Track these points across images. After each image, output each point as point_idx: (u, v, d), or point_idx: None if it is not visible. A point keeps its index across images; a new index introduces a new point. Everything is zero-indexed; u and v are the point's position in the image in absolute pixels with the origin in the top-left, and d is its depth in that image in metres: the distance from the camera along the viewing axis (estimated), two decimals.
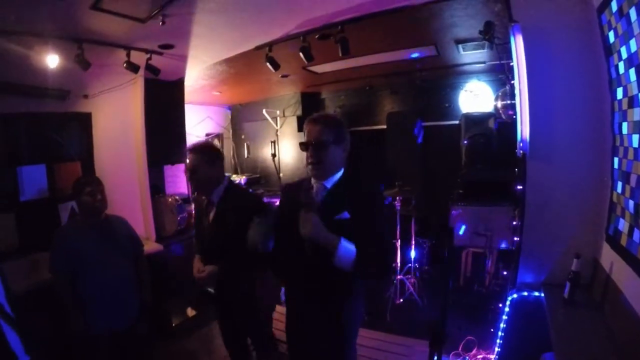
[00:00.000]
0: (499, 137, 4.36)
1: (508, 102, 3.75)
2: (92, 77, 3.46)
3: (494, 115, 4.40)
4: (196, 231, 2.61)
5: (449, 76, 5.33)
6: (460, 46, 3.84)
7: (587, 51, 2.30)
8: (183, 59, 3.77)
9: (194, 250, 2.56)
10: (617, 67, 1.98)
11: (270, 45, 3.43)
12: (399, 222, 4.28)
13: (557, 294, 2.34)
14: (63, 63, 2.96)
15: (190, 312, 4.11)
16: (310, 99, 6.54)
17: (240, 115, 7.40)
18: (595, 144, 2.36)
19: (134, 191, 4.10)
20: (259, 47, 3.52)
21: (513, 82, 2.71)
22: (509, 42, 2.51)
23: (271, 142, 6.65)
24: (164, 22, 2.67)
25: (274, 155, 6.63)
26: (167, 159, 4.41)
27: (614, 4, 1.87)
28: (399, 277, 4.23)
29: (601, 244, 2.31)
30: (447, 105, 5.46)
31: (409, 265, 4.38)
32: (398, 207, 4.22)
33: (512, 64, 2.59)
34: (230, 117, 7.56)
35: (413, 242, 4.41)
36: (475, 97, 5.15)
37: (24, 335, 1.32)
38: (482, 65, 4.54)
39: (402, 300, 4.20)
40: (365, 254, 1.61)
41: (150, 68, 3.50)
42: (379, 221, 1.74)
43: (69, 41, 2.84)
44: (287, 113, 6.59)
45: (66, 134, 3.53)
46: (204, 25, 2.96)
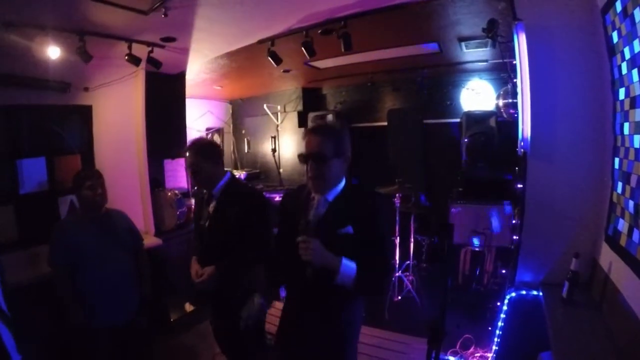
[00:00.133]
0: (499, 135, 4.36)
1: (510, 100, 3.75)
2: (93, 69, 3.45)
3: (495, 113, 4.39)
4: (195, 226, 2.59)
5: (451, 74, 5.33)
6: (463, 44, 3.83)
7: (590, 51, 2.30)
8: (185, 52, 3.76)
9: (192, 250, 2.51)
10: (620, 67, 1.98)
11: (272, 39, 3.42)
12: (398, 219, 4.28)
13: (555, 294, 2.35)
14: (64, 55, 2.94)
15: (189, 307, 4.12)
16: (311, 94, 6.54)
17: (241, 110, 7.38)
18: (596, 144, 2.36)
19: (134, 185, 4.09)
20: (261, 42, 3.51)
21: (515, 80, 2.70)
22: (512, 41, 2.50)
23: (271, 137, 6.64)
24: (166, 15, 2.65)
25: (274, 151, 6.62)
26: (167, 153, 4.40)
27: (619, 4, 1.86)
28: (397, 275, 4.24)
29: (600, 244, 2.31)
30: (448, 103, 5.45)
31: (407, 262, 4.38)
32: (398, 204, 4.22)
33: (514, 62, 2.58)
34: (231, 111, 7.54)
35: (412, 240, 4.42)
36: (477, 95, 5.14)
37: (18, 334, 1.32)
38: (485, 63, 4.53)
39: (400, 297, 4.21)
40: (367, 274, 1.59)
41: (151, 61, 3.48)
42: (383, 238, 1.70)
43: (71, 33, 2.82)
44: (288, 108, 6.58)
45: (67, 127, 3.52)
46: (207, 18, 2.95)
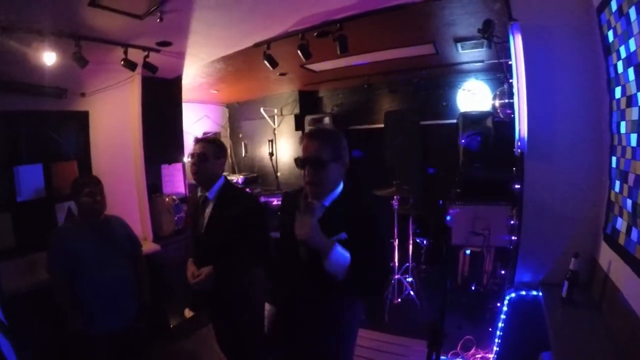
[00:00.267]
0: (496, 136, 4.37)
1: (506, 101, 3.75)
2: (90, 75, 3.43)
3: (492, 114, 4.40)
4: (192, 230, 2.59)
5: (447, 75, 5.34)
6: (459, 45, 3.84)
7: (586, 50, 2.30)
8: (181, 56, 3.75)
9: (189, 252, 2.52)
10: (615, 66, 1.98)
11: (268, 42, 3.42)
12: (396, 221, 4.27)
13: (555, 293, 2.34)
14: (60, 61, 2.93)
15: (188, 312, 4.10)
16: (308, 97, 6.54)
17: (238, 113, 7.36)
18: (594, 143, 2.36)
19: (131, 191, 4.07)
20: (257, 45, 3.50)
21: (511, 81, 2.71)
22: (508, 41, 2.51)
23: (269, 141, 6.63)
24: (161, 19, 2.64)
25: (271, 154, 6.60)
26: (165, 158, 4.38)
27: (614, 3, 1.87)
28: (396, 277, 4.23)
29: (599, 243, 2.31)
30: (444, 104, 5.46)
31: (406, 264, 4.37)
32: (396, 206, 4.22)
33: (510, 62, 2.59)
34: (227, 115, 7.53)
35: (411, 242, 4.41)
36: (473, 96, 5.16)
37: (16, 342, 1.31)
38: (481, 64, 4.55)
39: (400, 300, 4.19)
40: (361, 270, 1.56)
41: (147, 66, 3.47)
42: (380, 241, 1.68)
43: (67, 38, 2.81)
44: (284, 111, 6.58)
45: (63, 133, 3.50)
46: (202, 22, 2.94)
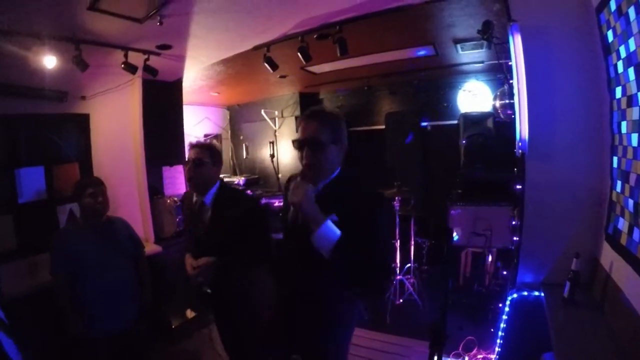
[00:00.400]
0: (497, 136, 4.36)
1: (506, 101, 3.75)
2: (90, 78, 3.44)
3: (493, 114, 4.40)
4: (188, 233, 2.56)
5: (447, 76, 5.33)
6: (458, 46, 3.84)
7: (586, 50, 2.30)
8: (181, 59, 3.76)
9: (186, 249, 2.48)
10: (615, 66, 1.98)
11: (268, 45, 3.43)
12: (398, 222, 4.28)
13: (557, 294, 2.34)
14: (61, 64, 2.93)
15: (190, 313, 4.10)
16: (308, 99, 6.53)
17: (239, 115, 7.38)
18: (594, 143, 2.36)
19: (133, 192, 4.08)
20: (257, 47, 3.51)
21: (511, 81, 2.71)
22: (508, 42, 2.51)
23: (270, 142, 6.64)
24: (161, 23, 2.65)
25: (272, 156, 6.61)
26: (166, 160, 4.39)
27: (613, 3, 1.87)
28: (398, 278, 4.23)
29: (601, 243, 2.31)
30: (445, 105, 5.46)
31: (408, 265, 4.37)
32: (397, 207, 4.22)
33: (510, 63, 2.59)
34: (228, 117, 7.54)
35: (412, 242, 4.41)
36: (474, 97, 5.15)
37: (19, 341, 1.31)
38: (481, 64, 4.54)
39: (401, 300, 4.19)
40: (351, 254, 1.43)
41: (148, 69, 3.48)
42: (373, 230, 1.52)
43: (67, 42, 2.82)
44: (285, 113, 6.59)
45: (64, 136, 3.51)
46: (202, 25, 2.95)
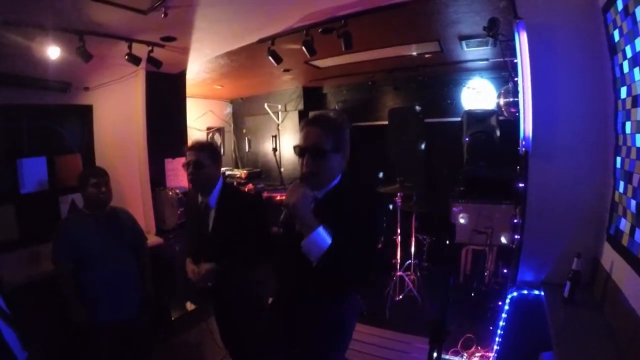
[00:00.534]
0: (500, 134, 4.35)
1: (511, 99, 3.73)
2: (93, 69, 3.44)
3: (496, 112, 4.39)
4: (190, 232, 2.56)
5: (451, 73, 5.31)
6: (463, 42, 3.82)
7: (592, 49, 2.29)
8: (185, 51, 3.74)
9: (186, 252, 2.47)
10: (621, 66, 1.96)
11: (273, 38, 3.41)
12: (399, 218, 4.28)
13: (557, 293, 2.34)
14: (64, 55, 2.93)
15: (190, 306, 4.12)
16: (311, 93, 6.53)
17: (242, 109, 7.38)
18: (598, 143, 2.35)
19: (135, 184, 4.08)
20: (261, 41, 3.49)
21: (516, 79, 2.69)
22: (513, 39, 2.49)
23: (272, 136, 6.63)
24: (166, 14, 2.64)
25: (275, 150, 6.60)
26: (168, 152, 4.38)
27: (620, 2, 1.85)
28: (398, 274, 4.23)
29: (602, 244, 2.30)
30: (449, 102, 5.44)
31: (408, 261, 4.37)
32: (399, 204, 4.22)
33: (515, 61, 2.57)
34: (231, 110, 7.53)
35: (413, 239, 4.41)
36: (478, 94, 5.13)
37: (21, 331, 1.32)
38: (485, 62, 4.53)
39: (401, 297, 4.20)
40: (337, 250, 1.42)
41: (151, 60, 3.46)
42: (364, 230, 1.51)
43: (71, 33, 2.81)
44: (288, 107, 6.58)
45: (67, 126, 3.53)
46: (207, 17, 2.93)
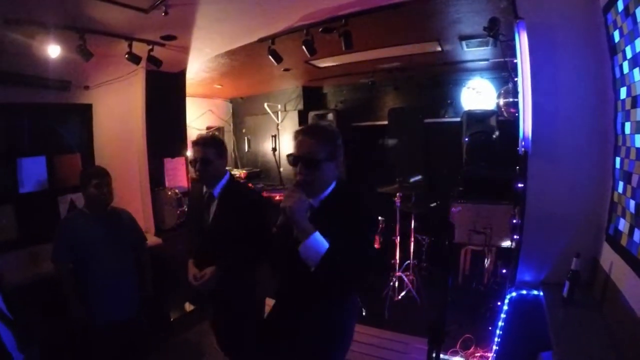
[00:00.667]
0: (500, 135, 4.35)
1: (510, 99, 3.74)
2: (94, 68, 3.44)
3: (496, 112, 4.39)
4: (192, 225, 2.56)
5: (451, 73, 5.31)
6: (464, 42, 3.81)
7: (592, 50, 2.29)
8: (185, 50, 3.75)
9: (189, 252, 2.47)
10: (621, 66, 1.97)
11: (273, 37, 3.41)
12: (398, 218, 4.27)
13: (556, 293, 2.34)
14: (65, 53, 2.93)
15: (189, 306, 4.12)
16: (311, 93, 6.53)
17: (242, 108, 7.37)
18: (597, 144, 2.35)
19: (134, 184, 4.08)
20: (261, 40, 3.49)
21: (516, 79, 2.69)
22: (513, 40, 2.49)
23: (272, 136, 6.62)
24: (166, 13, 2.64)
25: (274, 150, 6.60)
26: (168, 152, 4.38)
27: (620, 3, 1.86)
28: (397, 274, 4.23)
29: (601, 244, 2.31)
30: (449, 102, 5.44)
31: (407, 262, 4.37)
32: (398, 204, 4.21)
33: (515, 61, 2.57)
34: (231, 110, 7.53)
35: (412, 239, 4.41)
36: (478, 95, 5.13)
37: (20, 333, 1.33)
38: (486, 62, 4.53)
39: (400, 297, 4.20)
40: (335, 255, 1.45)
41: (152, 59, 3.47)
42: (360, 236, 1.55)
43: (71, 31, 2.81)
44: (288, 107, 6.57)
45: (66, 126, 3.52)
46: (207, 16, 2.94)
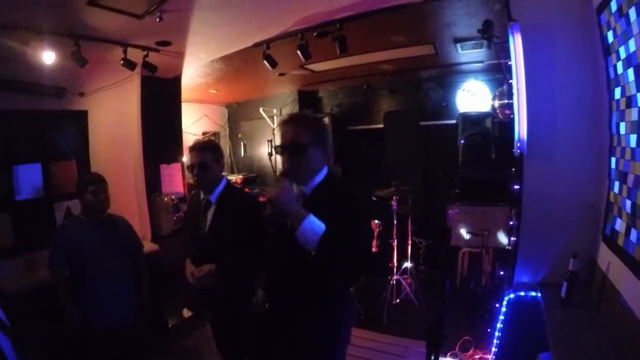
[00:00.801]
0: (496, 137, 4.37)
1: (505, 101, 3.75)
2: (89, 74, 3.43)
3: (491, 114, 4.40)
4: (190, 231, 2.55)
5: (446, 75, 5.34)
6: (458, 45, 3.84)
7: (586, 51, 2.30)
8: (180, 56, 3.75)
9: (186, 251, 2.47)
10: (615, 67, 1.97)
11: (268, 42, 3.41)
12: (395, 221, 4.27)
13: (554, 294, 2.33)
14: (59, 60, 2.92)
15: (187, 312, 4.10)
16: (307, 97, 6.53)
17: (237, 113, 7.37)
18: (593, 144, 2.36)
19: (130, 190, 4.06)
20: (256, 45, 3.50)
21: (511, 81, 2.71)
22: (508, 42, 2.51)
23: (268, 141, 6.61)
24: (161, 19, 2.64)
25: (270, 154, 6.59)
26: (164, 158, 4.37)
27: (614, 3, 1.87)
28: (395, 278, 4.22)
29: (598, 244, 2.31)
30: (444, 104, 5.46)
31: (405, 265, 4.37)
32: (395, 207, 4.21)
33: (510, 63, 2.59)
34: (226, 115, 7.52)
35: (410, 242, 4.40)
36: (473, 97, 5.16)
37: (17, 341, 1.32)
38: (480, 64, 4.55)
39: (398, 300, 4.19)
40: (333, 236, 1.42)
41: (147, 65, 3.46)
42: (356, 225, 1.53)
43: (66, 37, 2.81)
44: (284, 111, 6.56)
45: (62, 132, 3.51)
46: (202, 21, 2.94)
